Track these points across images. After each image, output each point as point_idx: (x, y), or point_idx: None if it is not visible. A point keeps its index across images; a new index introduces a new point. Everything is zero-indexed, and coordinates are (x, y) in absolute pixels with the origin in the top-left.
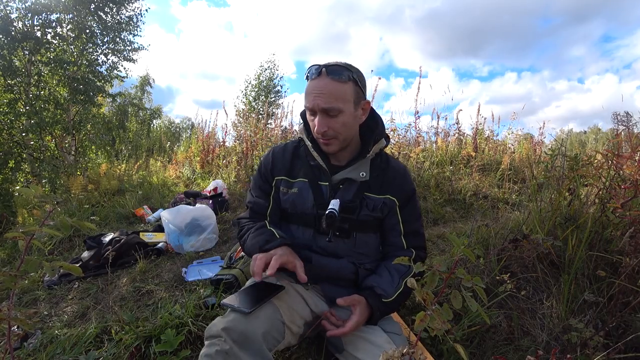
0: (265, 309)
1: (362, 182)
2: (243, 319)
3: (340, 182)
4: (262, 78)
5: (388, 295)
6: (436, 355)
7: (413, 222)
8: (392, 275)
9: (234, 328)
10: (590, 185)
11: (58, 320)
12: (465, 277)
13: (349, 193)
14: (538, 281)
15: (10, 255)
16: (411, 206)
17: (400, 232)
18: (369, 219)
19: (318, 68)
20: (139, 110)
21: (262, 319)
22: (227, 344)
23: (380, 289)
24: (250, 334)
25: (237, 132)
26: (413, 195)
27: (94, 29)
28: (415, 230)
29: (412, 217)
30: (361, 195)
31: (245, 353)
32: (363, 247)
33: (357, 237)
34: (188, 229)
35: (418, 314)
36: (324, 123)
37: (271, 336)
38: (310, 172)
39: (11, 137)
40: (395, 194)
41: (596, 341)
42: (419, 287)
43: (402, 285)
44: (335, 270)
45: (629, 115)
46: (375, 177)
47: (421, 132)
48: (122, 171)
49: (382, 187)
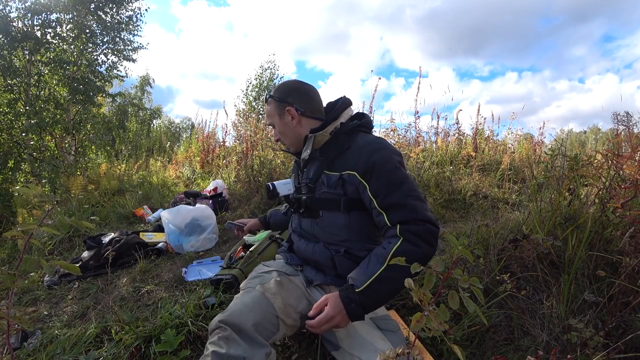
0: (258, 302)
1: (321, 161)
2: (236, 313)
3: (304, 164)
4: (262, 78)
5: (359, 283)
6: (436, 355)
7: (390, 194)
8: (369, 261)
9: (228, 320)
10: (590, 185)
11: (58, 320)
12: (462, 277)
13: (310, 172)
14: (538, 281)
15: (10, 255)
16: (380, 177)
17: (376, 209)
18: (329, 195)
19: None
20: (139, 110)
21: (255, 312)
22: (226, 331)
23: (351, 279)
24: (242, 325)
25: (237, 132)
26: (381, 165)
27: (94, 28)
28: (395, 203)
29: (385, 189)
30: (320, 173)
31: (242, 339)
32: (331, 227)
33: (324, 215)
34: (188, 229)
35: (414, 315)
36: (275, 133)
37: (263, 327)
38: (295, 169)
39: (11, 137)
40: (354, 167)
41: (596, 341)
42: (417, 287)
43: (380, 270)
44: (311, 253)
45: (629, 115)
46: (339, 156)
47: (421, 132)
48: (122, 171)
49: (342, 164)
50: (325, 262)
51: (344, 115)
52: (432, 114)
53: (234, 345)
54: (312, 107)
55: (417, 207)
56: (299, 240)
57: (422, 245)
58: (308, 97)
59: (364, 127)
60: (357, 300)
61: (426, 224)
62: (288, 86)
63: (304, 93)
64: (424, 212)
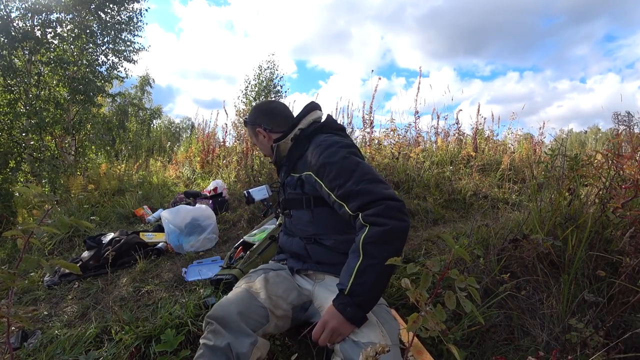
0: (240, 295)
1: (287, 165)
2: (219, 307)
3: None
4: (262, 78)
5: (343, 285)
6: (436, 355)
7: (344, 184)
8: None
9: (214, 314)
10: (590, 185)
11: (58, 320)
12: (459, 277)
13: (282, 175)
14: (538, 281)
15: (10, 255)
16: (331, 171)
17: (336, 202)
18: (294, 196)
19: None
20: (139, 110)
21: (237, 303)
22: (213, 325)
23: (338, 285)
24: (226, 316)
25: (237, 132)
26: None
27: (94, 28)
28: (350, 191)
29: (338, 181)
30: (286, 176)
31: (227, 330)
32: (299, 224)
33: (293, 214)
34: (188, 229)
35: (411, 315)
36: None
37: (249, 317)
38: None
39: (11, 137)
40: (310, 167)
41: (596, 341)
42: (413, 288)
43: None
44: (290, 246)
45: (630, 115)
46: (299, 158)
47: (421, 132)
48: (122, 171)
49: (302, 165)
50: (301, 251)
51: (305, 121)
52: (433, 114)
53: (219, 336)
54: (278, 122)
55: (371, 189)
56: (282, 236)
57: (389, 222)
58: (272, 115)
59: (327, 128)
60: (349, 302)
61: (385, 201)
62: (256, 109)
63: (269, 112)
64: (381, 190)
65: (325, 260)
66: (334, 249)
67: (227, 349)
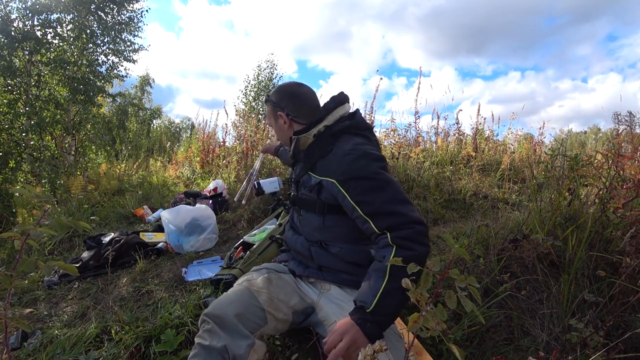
0: (240, 294)
1: (305, 162)
2: (217, 305)
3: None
4: (261, 78)
5: (368, 303)
6: (436, 355)
7: (374, 202)
8: (371, 278)
9: (211, 312)
10: (591, 185)
11: (58, 320)
12: (459, 277)
13: (297, 172)
14: (538, 281)
15: (10, 256)
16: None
17: (361, 216)
18: (306, 197)
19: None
20: (139, 110)
21: (236, 304)
22: (209, 325)
23: (359, 301)
24: (223, 316)
25: (237, 132)
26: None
27: (94, 29)
28: (380, 210)
29: (368, 197)
30: (303, 173)
31: (223, 330)
32: (307, 226)
33: (303, 214)
34: (188, 229)
35: (411, 315)
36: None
37: (247, 319)
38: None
39: (11, 137)
40: (334, 174)
41: (596, 341)
42: (413, 288)
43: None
44: (294, 244)
45: (632, 115)
46: (321, 158)
47: (421, 132)
48: (122, 171)
49: (324, 168)
50: (304, 252)
51: (331, 117)
52: (433, 114)
53: (215, 337)
54: (303, 111)
55: (402, 211)
56: (288, 231)
57: (416, 247)
58: (299, 101)
59: (354, 128)
60: (370, 319)
61: (415, 225)
62: (283, 90)
63: (296, 97)
64: (410, 213)
65: (329, 265)
66: (339, 256)
67: (224, 350)
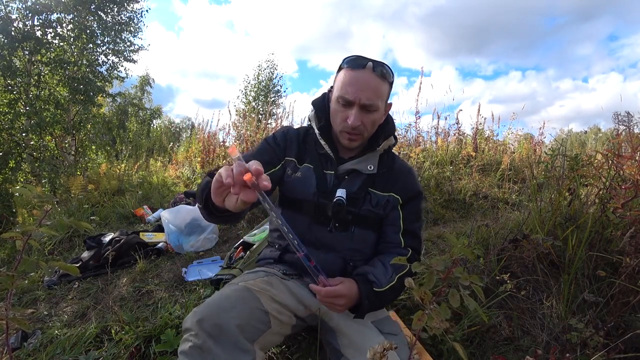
0: (241, 295)
1: (368, 175)
2: (216, 309)
3: (347, 172)
4: (261, 78)
5: (380, 284)
6: (436, 355)
7: (413, 222)
8: (387, 268)
9: (207, 319)
10: (591, 185)
11: (58, 320)
12: (463, 276)
13: (354, 185)
14: (538, 281)
15: (10, 255)
16: (413, 206)
17: (400, 229)
18: (370, 214)
19: (363, 61)
20: (139, 110)
21: (238, 309)
22: (199, 339)
23: (372, 276)
24: (224, 324)
25: (238, 132)
26: (418, 196)
27: (94, 29)
28: (413, 231)
29: (412, 217)
30: (366, 189)
31: (219, 346)
32: (360, 243)
33: (355, 231)
34: (188, 229)
35: (416, 313)
36: (359, 117)
37: (251, 326)
38: (317, 159)
39: (11, 137)
40: (399, 192)
41: (596, 341)
42: (417, 286)
43: (395, 279)
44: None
45: (630, 115)
46: (382, 174)
47: (421, 132)
48: (122, 171)
49: (387, 185)
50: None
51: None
52: (433, 114)
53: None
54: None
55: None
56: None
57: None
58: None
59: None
60: (372, 299)
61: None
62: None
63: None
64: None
65: None
66: None
67: None
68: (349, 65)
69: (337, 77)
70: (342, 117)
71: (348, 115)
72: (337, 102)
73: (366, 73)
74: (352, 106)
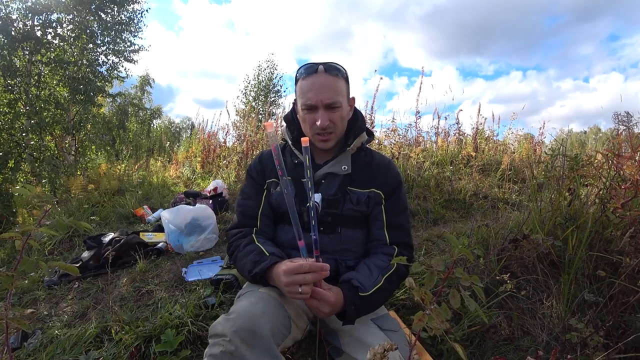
0: (269, 302)
1: (345, 175)
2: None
3: (322, 177)
4: (261, 78)
5: (365, 288)
6: (436, 355)
7: (397, 215)
8: (371, 270)
9: (242, 327)
10: (591, 185)
11: (58, 320)
12: (463, 276)
13: (332, 187)
14: (538, 281)
15: (10, 255)
16: (396, 198)
17: (383, 224)
18: (353, 213)
19: (313, 66)
20: (139, 110)
21: (269, 315)
22: (232, 345)
23: (356, 282)
24: (258, 330)
25: (238, 132)
26: (399, 187)
27: (95, 29)
28: (399, 224)
29: (396, 209)
30: (344, 189)
31: (252, 352)
32: (348, 243)
33: (342, 232)
34: (188, 229)
35: (416, 314)
36: (326, 117)
37: (278, 330)
38: (293, 170)
39: (11, 137)
40: (380, 186)
41: (596, 341)
42: (418, 287)
43: (382, 281)
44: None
45: (630, 115)
46: (360, 171)
47: (422, 132)
48: (122, 171)
49: (367, 181)
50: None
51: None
52: (434, 113)
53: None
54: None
55: (410, 232)
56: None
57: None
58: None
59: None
60: (358, 304)
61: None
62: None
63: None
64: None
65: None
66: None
67: None
68: (303, 73)
69: (297, 88)
70: (310, 122)
71: (316, 118)
72: (303, 110)
73: (320, 76)
74: (316, 109)
